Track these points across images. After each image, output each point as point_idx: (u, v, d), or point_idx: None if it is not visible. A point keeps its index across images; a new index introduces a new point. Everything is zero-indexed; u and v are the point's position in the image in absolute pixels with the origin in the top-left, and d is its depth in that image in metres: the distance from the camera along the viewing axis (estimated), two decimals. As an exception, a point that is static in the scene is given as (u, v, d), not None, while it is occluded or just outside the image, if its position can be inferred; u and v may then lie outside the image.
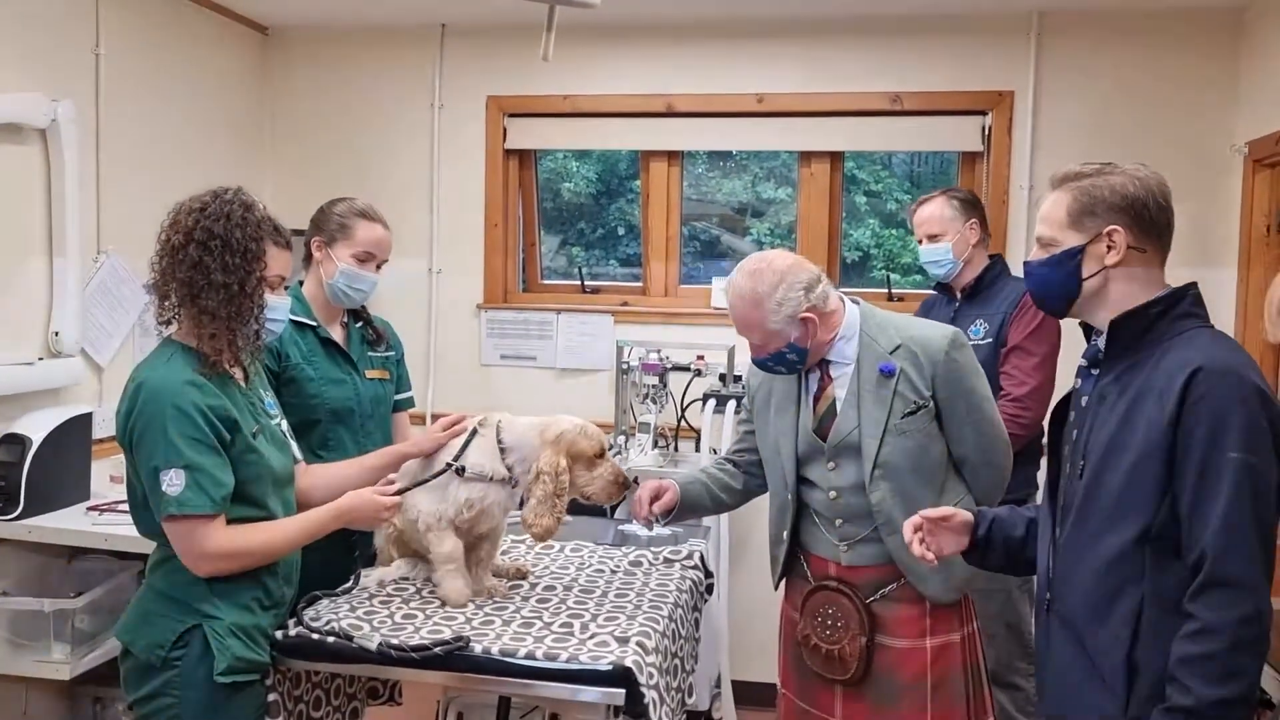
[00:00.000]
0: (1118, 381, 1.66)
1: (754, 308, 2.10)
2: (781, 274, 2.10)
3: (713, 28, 3.89)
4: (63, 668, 2.72)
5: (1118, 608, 1.59)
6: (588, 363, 4.06)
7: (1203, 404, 1.52)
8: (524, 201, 4.27)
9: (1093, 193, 1.65)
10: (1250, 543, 1.49)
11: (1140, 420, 1.59)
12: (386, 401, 2.66)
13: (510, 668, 1.89)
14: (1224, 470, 1.50)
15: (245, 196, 1.94)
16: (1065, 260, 1.68)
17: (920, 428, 2.12)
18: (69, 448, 2.95)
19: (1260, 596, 1.49)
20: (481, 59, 4.07)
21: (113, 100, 3.33)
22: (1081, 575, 1.65)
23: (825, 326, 2.15)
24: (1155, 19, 3.63)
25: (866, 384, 2.14)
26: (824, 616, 2.19)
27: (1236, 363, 1.56)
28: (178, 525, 1.83)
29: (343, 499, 2.06)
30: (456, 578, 2.16)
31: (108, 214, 3.29)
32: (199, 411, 1.84)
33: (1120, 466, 1.60)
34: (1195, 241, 3.56)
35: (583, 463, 2.19)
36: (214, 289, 1.86)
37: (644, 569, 2.45)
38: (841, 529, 2.17)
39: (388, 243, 2.57)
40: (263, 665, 1.92)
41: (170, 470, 1.80)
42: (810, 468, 2.21)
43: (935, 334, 2.17)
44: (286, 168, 4.22)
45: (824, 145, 3.94)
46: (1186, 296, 1.66)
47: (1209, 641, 1.49)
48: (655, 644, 1.99)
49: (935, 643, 2.14)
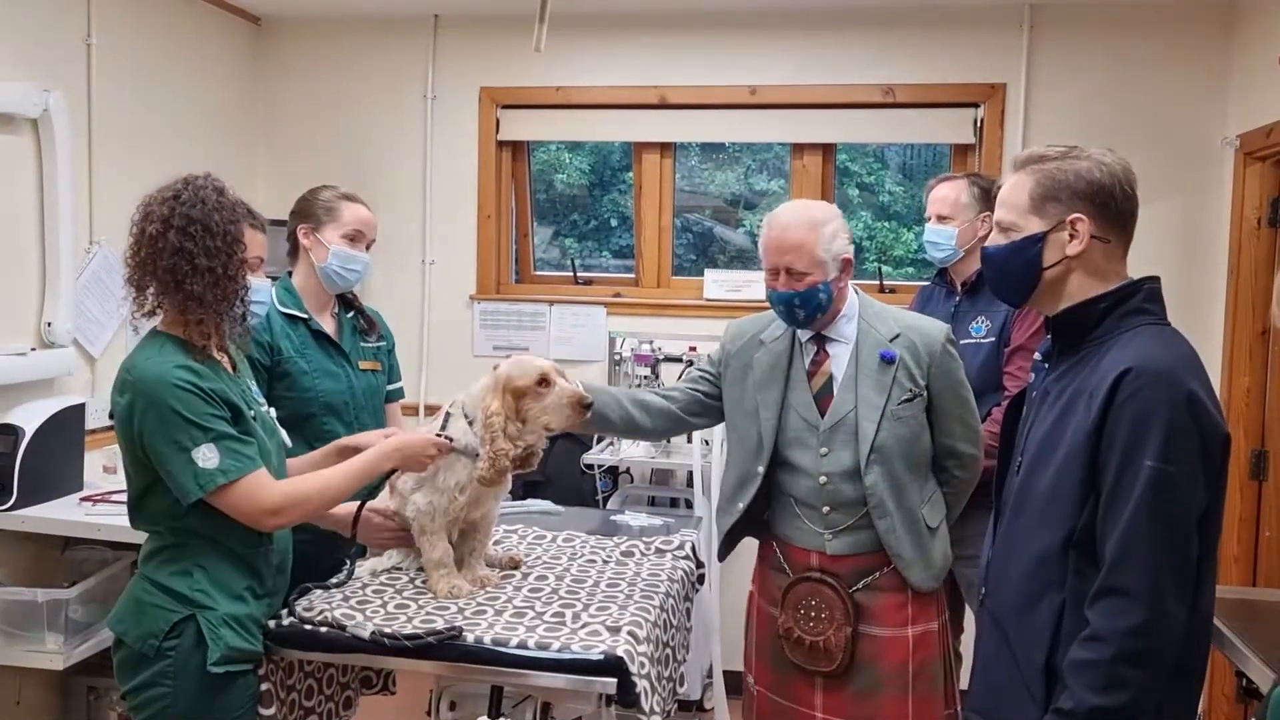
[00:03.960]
0: (1060, 379, 1.62)
1: (809, 229, 2.13)
2: (837, 213, 2.19)
3: (706, 19, 3.89)
4: (56, 658, 2.73)
5: (1041, 610, 1.57)
6: (580, 354, 4.07)
7: (1126, 407, 1.47)
8: (517, 193, 4.27)
9: (1057, 177, 1.59)
10: (1150, 554, 1.45)
11: (1071, 421, 1.55)
12: (379, 393, 2.66)
13: (502, 657, 1.90)
14: (1137, 478, 1.46)
15: (216, 181, 1.94)
16: (1026, 247, 1.62)
17: (914, 416, 2.15)
18: (62, 438, 2.95)
19: (1156, 609, 1.44)
20: (474, 50, 4.07)
21: (105, 90, 3.32)
22: (1011, 574, 1.64)
23: (842, 295, 2.19)
24: (1147, 11, 3.64)
25: (866, 368, 2.16)
26: (806, 608, 2.19)
27: (1173, 365, 1.50)
28: (231, 493, 1.84)
29: (392, 439, 2.10)
30: (448, 580, 2.17)
31: (100, 204, 3.29)
32: (202, 391, 1.85)
33: (1049, 468, 1.58)
34: (1186, 234, 3.57)
35: (530, 396, 2.12)
36: (199, 274, 1.86)
37: (635, 559, 2.46)
38: (829, 516, 2.17)
39: (374, 222, 2.58)
40: (256, 655, 1.93)
41: (201, 448, 1.81)
42: (795, 451, 2.19)
43: (932, 327, 2.20)
44: (279, 158, 4.21)
45: (816, 137, 3.95)
46: (1139, 291, 1.60)
47: (1096, 649, 1.47)
48: (646, 634, 2.01)
49: (917, 631, 2.17)
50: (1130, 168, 1.62)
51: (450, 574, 2.18)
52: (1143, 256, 1.67)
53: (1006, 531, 1.68)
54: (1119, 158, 1.62)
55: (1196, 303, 3.49)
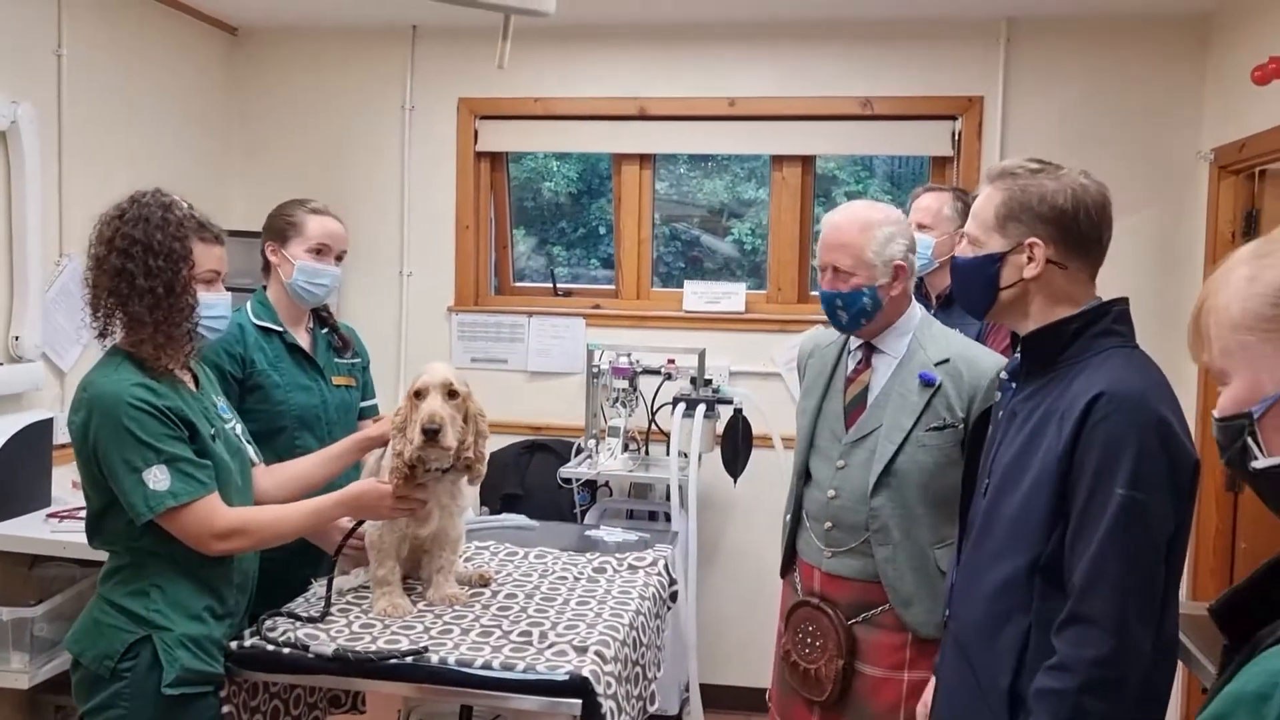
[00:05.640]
0: (1029, 400, 1.59)
1: (861, 230, 2.07)
2: (898, 220, 2.11)
3: (685, 31, 3.89)
4: (21, 676, 2.68)
5: (1005, 634, 1.54)
6: (559, 366, 4.05)
7: (1097, 432, 1.45)
8: (496, 204, 4.25)
9: (1021, 198, 1.57)
10: (1119, 582, 1.42)
11: (1040, 445, 1.53)
12: (353, 409, 2.64)
13: (466, 678, 1.87)
14: (1107, 505, 1.43)
15: (164, 197, 1.92)
16: (985, 265, 1.60)
17: (942, 447, 2.03)
18: (29, 454, 2.92)
19: (1123, 638, 1.42)
20: (452, 60, 4.05)
21: (76, 102, 3.29)
22: (975, 597, 1.61)
23: (896, 305, 2.11)
24: (1123, 26, 3.65)
25: (904, 387, 2.07)
26: (804, 634, 2.15)
27: (1144, 390, 1.48)
28: (181, 516, 1.82)
29: (351, 487, 2.07)
30: (388, 598, 2.13)
31: (70, 217, 3.25)
32: (158, 410, 1.82)
33: (1017, 492, 1.55)
34: (1160, 248, 3.58)
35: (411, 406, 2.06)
36: (138, 294, 1.83)
37: (607, 576, 2.44)
38: (830, 534, 2.12)
39: (341, 234, 2.55)
40: (214, 676, 1.90)
41: (152, 469, 1.79)
42: (818, 461, 2.16)
43: (987, 360, 2.07)
44: (255, 170, 4.18)
45: (795, 149, 3.95)
46: (1109, 313, 1.57)
47: (1061, 678, 1.44)
48: (615, 652, 1.98)
49: (914, 677, 2.05)
50: (1104, 192, 1.59)
51: (391, 592, 2.14)
52: (1119, 270, 1.65)
53: (972, 554, 1.65)
54: (1094, 181, 1.59)
55: (1172, 315, 3.48)
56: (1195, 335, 1.03)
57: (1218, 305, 0.99)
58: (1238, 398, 0.98)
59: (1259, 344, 0.96)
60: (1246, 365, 0.97)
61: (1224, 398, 1.00)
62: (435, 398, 2.04)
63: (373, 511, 2.09)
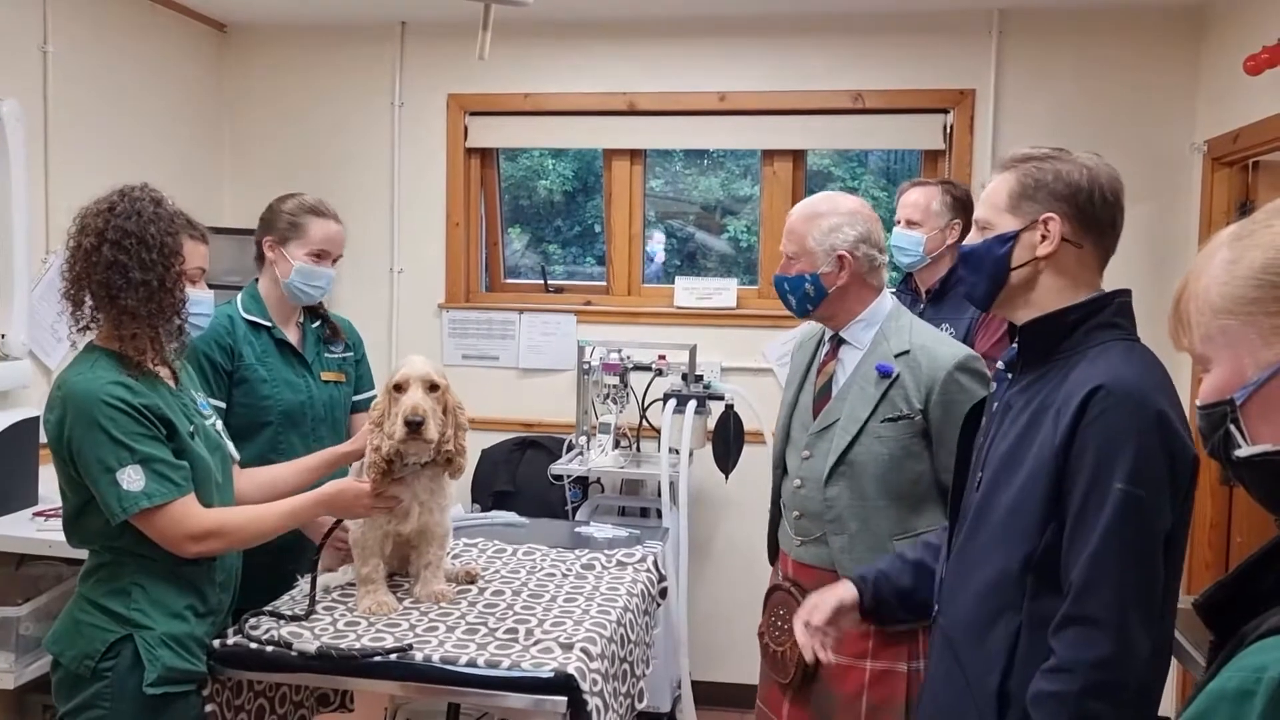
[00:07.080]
0: (1025, 392, 1.56)
1: (807, 220, 2.13)
2: (848, 211, 2.13)
3: (675, 26, 3.87)
4: (7, 676, 2.66)
5: (996, 632, 1.51)
6: (550, 363, 4.03)
7: (1095, 427, 1.42)
8: (486, 200, 4.23)
9: (1036, 176, 1.54)
10: (1119, 580, 1.40)
11: (1036, 438, 1.49)
12: (341, 405, 2.62)
13: (450, 675, 1.86)
14: (1106, 501, 1.40)
15: (154, 192, 1.90)
16: (996, 246, 1.56)
17: (899, 438, 2.03)
18: (15, 452, 2.90)
19: (1123, 639, 1.39)
20: (441, 57, 4.03)
21: (62, 99, 3.27)
22: (965, 593, 1.58)
23: (855, 296, 2.12)
24: (1115, 17, 3.64)
25: (863, 378, 2.09)
26: (776, 617, 2.18)
27: (1143, 384, 1.45)
28: (154, 517, 1.80)
29: (328, 485, 2.06)
30: (372, 596, 2.12)
31: (56, 213, 3.22)
32: (134, 409, 1.80)
33: (1011, 486, 1.52)
34: (1154, 240, 3.56)
35: (390, 399, 2.06)
36: (133, 288, 1.82)
37: (596, 572, 2.42)
38: (799, 523, 2.15)
39: (341, 238, 2.54)
40: (197, 675, 1.88)
41: (126, 469, 1.77)
42: (790, 452, 2.20)
43: (946, 351, 2.06)
44: (244, 167, 4.16)
45: (786, 144, 3.93)
46: (1110, 305, 1.53)
47: (1061, 681, 1.41)
48: (601, 649, 1.97)
49: (877, 667, 2.05)
50: (1117, 176, 1.56)
51: (375, 590, 2.13)
52: (1113, 262, 1.62)
53: (963, 549, 1.62)
54: (1107, 164, 1.56)
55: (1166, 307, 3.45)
56: (1176, 322, 1.01)
57: (1198, 290, 0.97)
58: (1220, 384, 0.96)
59: (1240, 328, 0.93)
60: (1228, 350, 0.95)
61: (1206, 384, 0.97)
62: (416, 390, 2.03)
63: (350, 510, 2.07)
